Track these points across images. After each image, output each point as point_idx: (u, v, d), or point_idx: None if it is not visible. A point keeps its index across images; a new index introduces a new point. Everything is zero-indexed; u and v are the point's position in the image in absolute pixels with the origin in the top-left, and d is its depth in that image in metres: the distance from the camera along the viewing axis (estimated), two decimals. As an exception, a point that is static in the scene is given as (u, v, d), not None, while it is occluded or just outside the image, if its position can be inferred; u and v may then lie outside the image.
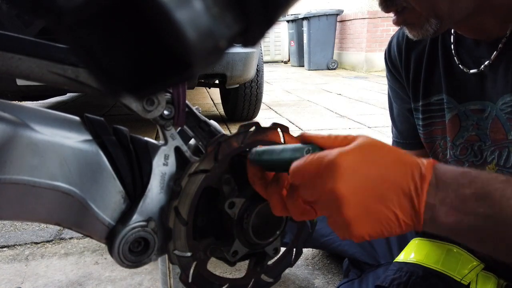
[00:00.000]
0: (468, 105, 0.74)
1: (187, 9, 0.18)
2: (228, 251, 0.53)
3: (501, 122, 0.69)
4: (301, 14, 7.51)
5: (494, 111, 0.70)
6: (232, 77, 2.39)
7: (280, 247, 0.58)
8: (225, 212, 0.51)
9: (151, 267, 1.15)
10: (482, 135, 0.72)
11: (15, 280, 1.12)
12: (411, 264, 0.72)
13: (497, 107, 0.69)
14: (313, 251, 1.25)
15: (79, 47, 0.20)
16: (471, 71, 0.71)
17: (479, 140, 0.73)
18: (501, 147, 0.70)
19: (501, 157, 0.69)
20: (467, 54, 0.72)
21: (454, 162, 0.77)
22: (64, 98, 4.07)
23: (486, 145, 0.72)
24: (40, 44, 0.40)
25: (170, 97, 0.48)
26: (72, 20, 0.18)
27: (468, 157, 0.75)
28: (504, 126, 0.68)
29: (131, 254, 0.47)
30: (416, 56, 0.81)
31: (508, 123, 0.67)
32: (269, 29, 0.23)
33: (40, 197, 0.41)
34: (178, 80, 0.22)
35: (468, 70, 0.71)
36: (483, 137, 0.72)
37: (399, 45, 0.84)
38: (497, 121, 0.69)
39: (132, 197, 0.47)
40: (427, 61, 0.79)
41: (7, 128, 0.38)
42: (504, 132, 0.68)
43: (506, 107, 0.67)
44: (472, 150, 0.74)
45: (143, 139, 0.49)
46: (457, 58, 0.73)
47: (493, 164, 0.72)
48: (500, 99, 0.68)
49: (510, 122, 0.67)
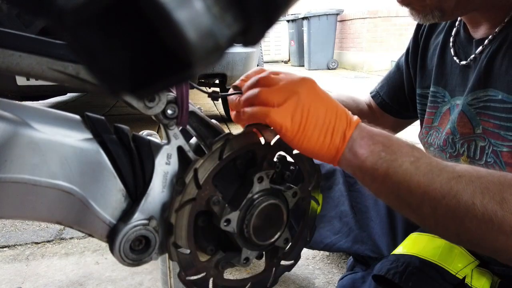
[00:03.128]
0: (456, 100, 0.78)
1: (187, 9, 0.18)
2: (239, 261, 0.53)
3: (468, 116, 0.72)
4: (301, 14, 7.51)
5: (461, 106, 0.73)
6: (232, 77, 2.40)
7: (290, 236, 0.58)
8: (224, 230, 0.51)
9: (151, 267, 1.15)
10: (453, 128, 0.76)
11: (16, 280, 1.12)
12: (408, 256, 0.73)
13: (465, 102, 0.72)
14: (313, 251, 1.25)
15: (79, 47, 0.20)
16: (461, 63, 0.75)
17: (451, 133, 0.77)
18: (468, 140, 0.73)
19: (470, 150, 0.73)
20: (462, 49, 0.76)
21: (438, 152, 0.83)
22: (64, 98, 4.07)
23: (456, 138, 0.76)
24: (40, 41, 0.40)
25: (173, 96, 0.48)
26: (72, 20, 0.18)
27: (447, 148, 0.81)
28: (472, 121, 0.72)
29: (132, 253, 0.47)
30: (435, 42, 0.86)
31: (477, 118, 0.70)
32: (269, 29, 0.23)
33: (40, 195, 0.41)
34: (178, 80, 0.22)
35: (459, 62, 0.75)
36: (453, 130, 0.76)
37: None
38: (463, 115, 0.73)
39: (134, 195, 0.47)
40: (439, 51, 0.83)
41: (7, 127, 0.38)
42: (471, 127, 0.72)
43: (478, 102, 0.70)
44: (449, 142, 0.79)
45: (146, 138, 0.49)
46: (453, 51, 0.77)
47: (465, 156, 0.76)
48: (470, 94, 0.71)
49: (480, 116, 0.70)
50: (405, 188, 0.48)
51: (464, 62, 0.74)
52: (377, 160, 0.49)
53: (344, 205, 1.03)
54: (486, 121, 0.69)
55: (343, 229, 1.01)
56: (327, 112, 0.51)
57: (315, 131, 0.51)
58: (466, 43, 0.75)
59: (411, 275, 0.69)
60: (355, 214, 1.01)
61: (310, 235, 0.62)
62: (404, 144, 0.51)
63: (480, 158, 0.72)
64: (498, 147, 0.68)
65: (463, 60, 0.75)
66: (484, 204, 0.44)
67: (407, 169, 0.48)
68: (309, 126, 0.50)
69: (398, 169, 0.48)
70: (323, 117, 0.51)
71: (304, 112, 0.50)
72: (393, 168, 0.48)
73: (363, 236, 0.99)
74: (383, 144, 0.50)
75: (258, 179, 0.52)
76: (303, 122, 0.50)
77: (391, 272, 0.71)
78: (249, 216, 0.52)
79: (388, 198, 0.52)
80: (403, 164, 0.48)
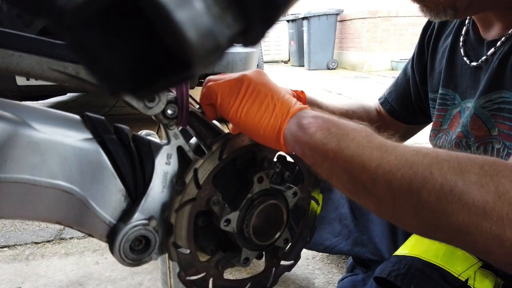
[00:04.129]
0: (466, 102, 0.76)
1: (187, 9, 0.18)
2: (238, 261, 0.54)
3: (482, 119, 0.71)
4: (301, 14, 7.51)
5: (473, 109, 0.72)
6: (232, 77, 2.39)
7: (290, 236, 0.58)
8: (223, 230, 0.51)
9: (151, 267, 1.15)
10: (465, 132, 0.75)
11: (16, 280, 1.12)
12: (410, 257, 0.72)
13: (477, 104, 0.71)
14: (313, 251, 1.26)
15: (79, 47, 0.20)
16: (472, 64, 0.74)
17: (463, 136, 0.76)
18: (485, 143, 0.72)
19: (487, 152, 0.71)
20: (472, 50, 0.75)
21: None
22: (64, 98, 4.06)
23: (471, 141, 0.75)
24: (40, 41, 0.40)
25: (173, 96, 0.48)
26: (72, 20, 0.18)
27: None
28: (487, 124, 0.70)
29: (132, 252, 0.47)
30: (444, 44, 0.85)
31: (492, 120, 0.69)
32: (269, 29, 0.23)
33: (40, 195, 0.41)
34: (178, 80, 0.22)
35: (469, 63, 0.74)
36: (466, 134, 0.75)
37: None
38: (476, 118, 0.72)
39: (134, 195, 0.47)
40: (448, 53, 0.82)
41: (7, 126, 0.38)
42: (486, 129, 0.70)
43: (492, 104, 0.69)
44: (462, 145, 0.77)
45: (146, 138, 0.49)
46: (463, 51, 0.76)
47: None
48: (483, 97, 0.70)
49: (496, 118, 0.68)
50: (358, 163, 0.44)
51: (475, 63, 0.73)
52: (327, 134, 0.46)
53: (344, 207, 1.03)
54: (501, 123, 0.68)
55: (343, 231, 1.01)
56: (271, 91, 0.50)
57: (254, 104, 0.49)
58: (476, 44, 0.74)
59: (413, 277, 0.69)
60: (355, 217, 1.01)
61: (310, 235, 0.62)
62: (354, 124, 0.48)
63: None
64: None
65: (474, 61, 0.74)
66: (443, 174, 0.40)
67: (360, 142, 0.45)
68: (249, 99, 0.49)
69: (350, 142, 0.45)
70: (264, 93, 0.49)
71: (244, 86, 0.49)
72: (344, 142, 0.45)
73: (363, 239, 0.99)
74: (332, 122, 0.47)
75: (258, 179, 0.52)
76: (241, 93, 0.49)
77: (393, 274, 0.70)
78: (249, 216, 0.52)
79: (341, 180, 0.47)
80: (355, 138, 0.45)
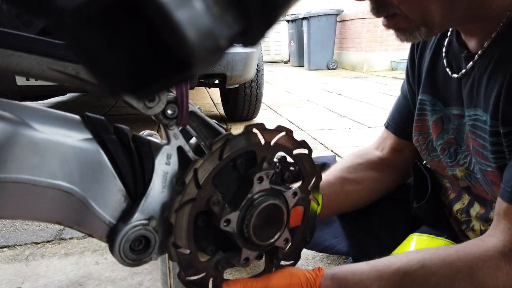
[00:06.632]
0: (451, 109, 0.77)
1: (187, 9, 0.18)
2: (238, 261, 0.54)
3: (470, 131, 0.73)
4: (301, 14, 7.51)
5: (467, 119, 0.73)
6: (232, 77, 2.39)
7: (290, 236, 0.58)
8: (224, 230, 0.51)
9: (151, 267, 1.15)
10: (460, 139, 0.76)
11: (15, 280, 1.12)
12: None
13: (468, 116, 0.72)
14: (313, 251, 1.25)
15: (79, 46, 0.20)
16: (453, 76, 0.74)
17: (456, 143, 0.77)
18: (470, 154, 0.74)
19: (471, 163, 0.74)
20: (454, 60, 0.75)
21: (431, 156, 0.83)
22: (64, 98, 4.06)
23: (461, 149, 0.76)
24: (40, 41, 0.40)
25: (173, 96, 0.48)
26: (72, 20, 0.18)
27: (444, 158, 0.80)
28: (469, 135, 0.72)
29: (132, 253, 0.47)
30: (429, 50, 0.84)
31: (469, 135, 0.71)
32: (269, 29, 0.23)
33: (40, 196, 0.41)
34: (178, 80, 0.22)
35: (451, 75, 0.75)
36: (460, 141, 0.76)
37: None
38: (471, 129, 0.73)
39: (133, 195, 0.47)
40: (430, 58, 0.82)
41: (7, 126, 0.38)
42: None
43: (469, 120, 0.71)
44: (448, 152, 0.79)
45: (146, 138, 0.49)
46: (446, 62, 0.76)
47: (464, 167, 0.76)
48: (466, 110, 0.71)
49: (471, 134, 0.70)
50: None
51: (456, 75, 0.73)
52: None
53: None
54: (474, 139, 0.70)
55: (343, 232, 1.01)
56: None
57: None
58: (459, 53, 0.73)
59: None
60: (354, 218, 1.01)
61: (310, 235, 0.62)
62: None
63: (475, 172, 0.73)
64: (482, 166, 0.69)
65: (455, 72, 0.74)
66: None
67: None
68: None
69: None
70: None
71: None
72: None
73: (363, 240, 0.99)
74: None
75: (258, 179, 0.52)
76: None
77: None
78: (249, 216, 0.52)
79: None
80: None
